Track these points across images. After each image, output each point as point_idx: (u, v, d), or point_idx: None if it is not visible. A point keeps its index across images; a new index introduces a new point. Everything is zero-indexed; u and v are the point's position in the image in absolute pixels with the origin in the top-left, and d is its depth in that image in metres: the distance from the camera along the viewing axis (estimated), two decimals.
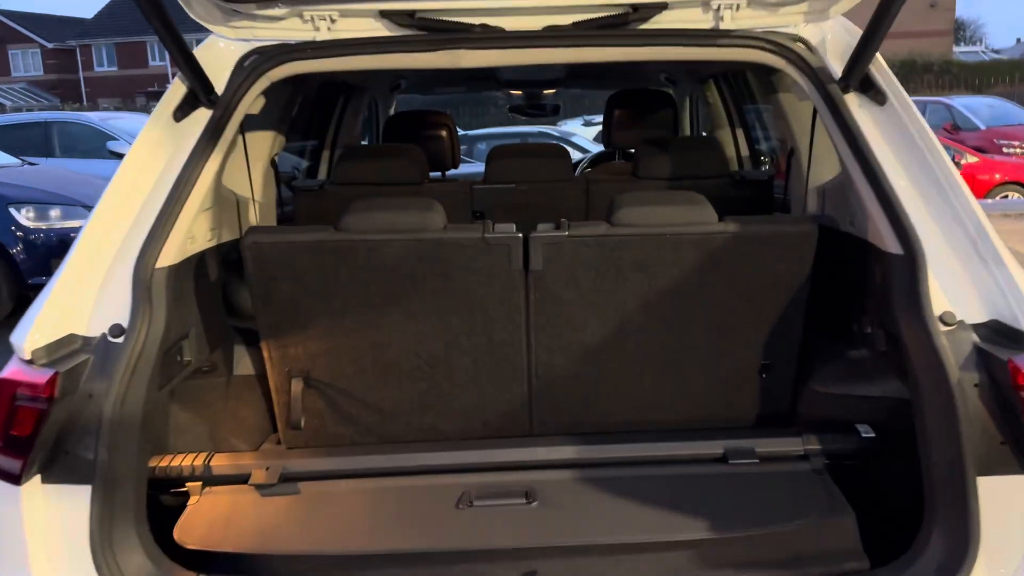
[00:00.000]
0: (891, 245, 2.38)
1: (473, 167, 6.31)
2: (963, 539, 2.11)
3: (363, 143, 6.11)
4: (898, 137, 2.48)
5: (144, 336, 2.33)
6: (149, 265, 2.40)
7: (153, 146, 2.58)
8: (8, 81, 49.27)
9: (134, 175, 2.53)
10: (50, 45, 51.12)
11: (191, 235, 2.66)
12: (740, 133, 5.06)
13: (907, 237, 2.31)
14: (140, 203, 2.49)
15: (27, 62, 52.16)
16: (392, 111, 6.42)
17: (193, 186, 2.56)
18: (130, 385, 2.29)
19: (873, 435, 2.64)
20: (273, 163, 3.64)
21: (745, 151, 5.05)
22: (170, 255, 2.49)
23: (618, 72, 5.57)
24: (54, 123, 15.64)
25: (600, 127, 16.08)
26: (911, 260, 2.29)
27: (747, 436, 2.70)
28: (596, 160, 6.46)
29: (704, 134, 6.19)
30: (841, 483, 2.61)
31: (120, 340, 2.30)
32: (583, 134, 17.09)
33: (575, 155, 9.43)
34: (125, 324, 2.33)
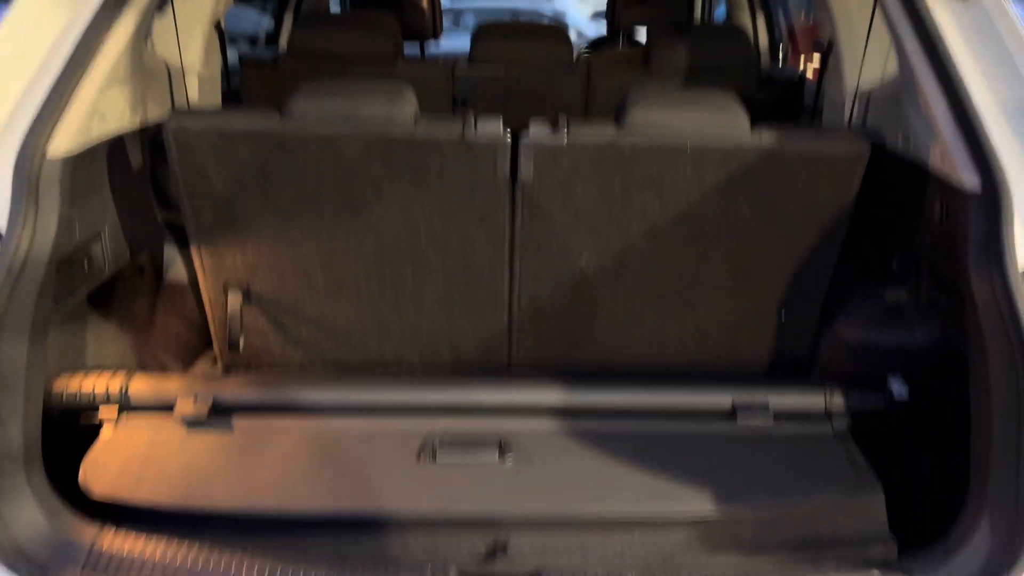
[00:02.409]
0: (965, 178, 1.92)
1: (457, 39, 5.66)
2: (1020, 530, 1.75)
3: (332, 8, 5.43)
4: (984, 43, 1.99)
5: (29, 242, 1.86)
6: (37, 152, 1.90)
7: (48, 1, 2.03)
8: None
9: (20, 37, 1.99)
10: None
11: (99, 114, 2.14)
12: (761, 22, 4.47)
13: (990, 170, 1.86)
14: (29, 74, 1.96)
15: None
16: None
17: (99, 51, 2.03)
18: (11, 302, 1.84)
19: (907, 394, 2.27)
20: (218, 27, 3.06)
21: (765, 43, 4.48)
22: (67, 139, 1.98)
23: None
24: None
25: (596, 5, 15.11)
26: (993, 200, 1.84)
27: (760, 387, 2.31)
28: (596, 46, 5.81)
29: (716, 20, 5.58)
30: (866, 448, 2.25)
31: None
32: (578, 12, 16.07)
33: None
34: (3, 228, 1.85)
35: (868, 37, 2.61)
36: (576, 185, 2.25)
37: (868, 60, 2.71)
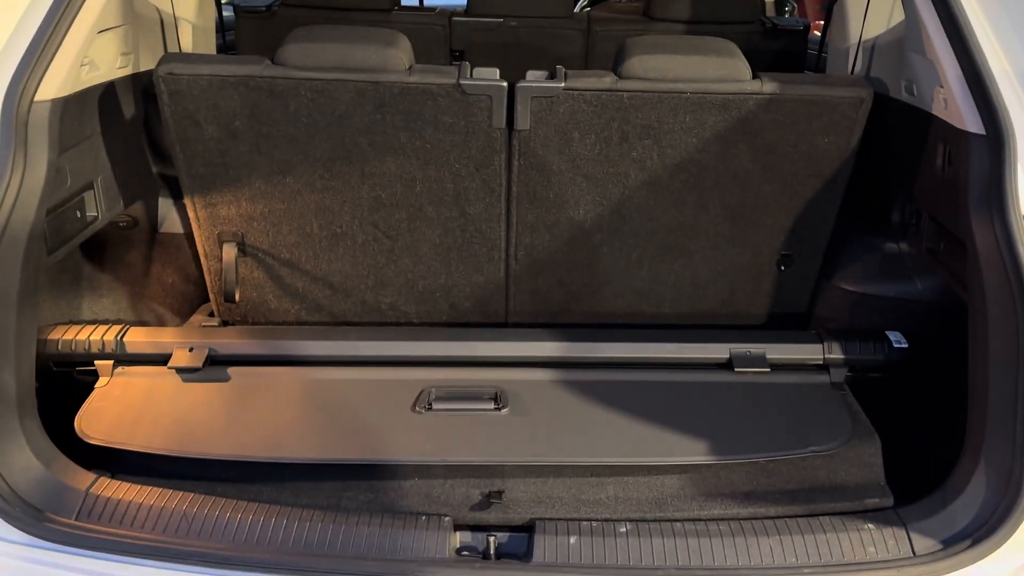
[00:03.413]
0: (969, 122, 1.88)
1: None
2: (1016, 479, 1.74)
3: None
4: None
5: (17, 188, 1.84)
6: (24, 96, 1.87)
7: None
8: None
9: None
10: None
11: (89, 60, 2.11)
12: None
13: (994, 114, 1.82)
14: (14, 18, 1.93)
15: None
16: None
17: None
18: (1, 245, 1.82)
19: (906, 345, 2.25)
20: None
21: None
22: (56, 84, 1.95)
23: None
24: None
25: None
26: (996, 143, 1.81)
27: (757, 339, 2.29)
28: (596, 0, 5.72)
29: None
30: (862, 400, 2.24)
31: None
32: None
33: None
34: None
35: None
36: (573, 133, 2.22)
37: (872, 10, 2.66)
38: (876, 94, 2.22)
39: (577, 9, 5.40)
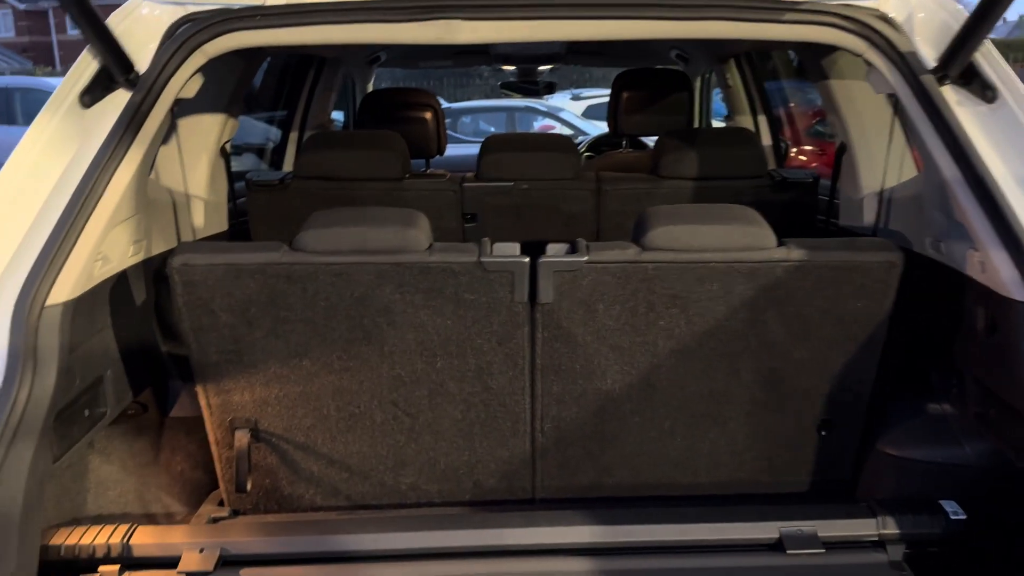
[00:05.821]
0: (1014, 289, 1.83)
1: (458, 149, 5.69)
2: None
3: (336, 121, 5.47)
4: (1013, 146, 1.93)
5: (25, 400, 1.75)
6: (36, 302, 1.81)
7: (51, 142, 1.99)
8: None
9: (23, 181, 1.94)
10: (22, 6, 49.44)
11: (102, 256, 2.07)
12: (763, 121, 4.48)
13: None
14: (30, 220, 1.90)
15: None
16: (371, 86, 5.77)
17: (103, 193, 1.97)
18: (5, 463, 1.72)
19: (964, 516, 2.11)
20: (223, 152, 3.03)
21: (768, 140, 4.48)
22: (68, 286, 1.90)
23: (624, 47, 4.95)
24: (16, 89, 14.77)
25: (589, 101, 15.38)
26: None
27: (806, 515, 2.15)
28: (597, 144, 5.84)
29: (715, 120, 5.62)
30: None
31: None
32: (572, 109, 16.42)
33: (565, 132, 8.75)
34: None
35: (890, 142, 2.56)
36: (598, 305, 2.16)
37: (879, 161, 2.67)
38: (900, 248, 2.18)
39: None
